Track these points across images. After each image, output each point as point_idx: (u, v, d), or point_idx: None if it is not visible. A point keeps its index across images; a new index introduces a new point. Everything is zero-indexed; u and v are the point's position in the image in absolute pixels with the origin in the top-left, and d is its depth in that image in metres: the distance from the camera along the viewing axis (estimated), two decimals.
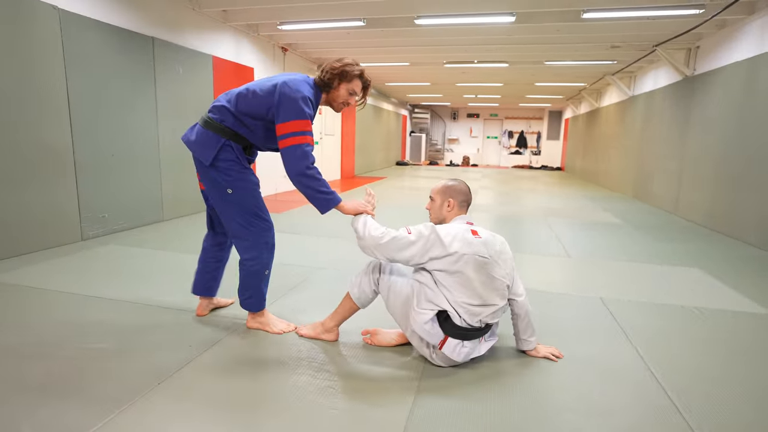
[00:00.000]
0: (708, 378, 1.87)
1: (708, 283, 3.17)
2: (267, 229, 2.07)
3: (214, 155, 1.93)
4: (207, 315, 2.37)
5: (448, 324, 1.78)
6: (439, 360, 1.87)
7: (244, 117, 1.93)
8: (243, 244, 2.06)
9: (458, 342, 1.80)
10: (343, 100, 2.05)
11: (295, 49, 7.57)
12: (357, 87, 2.04)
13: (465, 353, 1.82)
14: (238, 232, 2.04)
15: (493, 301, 1.80)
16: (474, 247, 1.77)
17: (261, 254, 2.06)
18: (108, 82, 4.03)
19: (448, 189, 1.96)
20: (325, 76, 1.98)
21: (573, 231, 4.95)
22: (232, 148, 1.95)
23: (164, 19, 4.65)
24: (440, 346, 1.80)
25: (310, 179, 1.86)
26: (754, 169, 4.50)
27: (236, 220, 2.02)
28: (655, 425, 1.55)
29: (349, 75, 1.99)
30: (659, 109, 7.19)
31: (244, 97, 1.94)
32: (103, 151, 4.04)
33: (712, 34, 5.62)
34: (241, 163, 1.98)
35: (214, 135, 1.94)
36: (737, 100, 4.92)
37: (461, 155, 18.69)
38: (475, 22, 5.48)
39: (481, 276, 1.77)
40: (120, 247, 3.69)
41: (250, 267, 2.07)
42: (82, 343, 2.01)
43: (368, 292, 1.97)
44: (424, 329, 1.79)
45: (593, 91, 11.50)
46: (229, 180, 1.96)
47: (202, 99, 5.29)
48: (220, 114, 1.95)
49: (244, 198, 2.00)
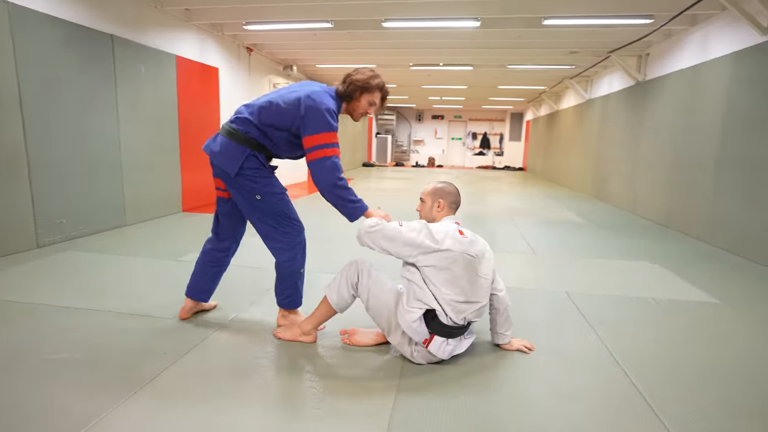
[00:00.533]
0: (665, 362, 2.01)
1: (662, 276, 3.38)
2: (299, 231, 2.14)
3: (239, 165, 1.96)
4: (188, 318, 2.33)
5: (435, 323, 1.82)
6: (419, 358, 1.90)
7: (268, 129, 1.98)
8: (277, 246, 2.11)
9: (443, 340, 1.85)
10: (363, 111, 2.12)
11: (260, 49, 7.47)
12: (377, 98, 2.11)
13: (449, 351, 1.87)
14: (271, 235, 2.09)
15: (477, 298, 1.86)
16: (463, 245, 1.83)
17: (296, 255, 2.14)
18: (64, 81, 3.85)
19: (438, 191, 2.01)
20: (348, 87, 2.05)
21: (538, 229, 5.15)
22: (256, 157, 2.00)
23: (124, 16, 4.49)
24: (426, 345, 1.84)
25: (341, 190, 1.95)
26: (700, 169, 4.83)
27: (269, 224, 2.07)
28: (620, 408, 1.66)
29: (372, 87, 2.06)
30: (614, 112, 7.58)
31: (267, 109, 1.98)
32: (59, 153, 3.85)
33: (660, 42, 5.99)
34: (266, 170, 2.04)
35: (239, 146, 1.97)
36: (684, 105, 5.27)
37: (427, 156, 18.94)
38: (441, 26, 5.60)
39: (468, 274, 1.82)
40: (80, 254, 3.53)
41: (287, 268, 2.14)
42: (46, 355, 1.92)
43: (347, 297, 1.98)
44: (411, 328, 1.82)
45: (553, 94, 11.96)
46: (257, 187, 2.01)
47: (165, 99, 5.14)
48: (244, 126, 1.99)
49: (274, 203, 2.05)
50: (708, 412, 1.64)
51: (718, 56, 4.63)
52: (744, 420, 1.60)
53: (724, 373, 1.93)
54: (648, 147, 6.17)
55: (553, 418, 1.57)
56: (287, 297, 2.21)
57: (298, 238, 2.13)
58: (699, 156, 4.86)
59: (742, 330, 2.42)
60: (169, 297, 2.63)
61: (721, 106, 4.50)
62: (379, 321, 1.96)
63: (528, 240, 4.51)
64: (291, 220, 2.10)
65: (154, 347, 2.02)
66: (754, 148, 3.98)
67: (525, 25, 5.43)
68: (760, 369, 1.99)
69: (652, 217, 5.92)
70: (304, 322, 2.10)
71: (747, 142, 4.09)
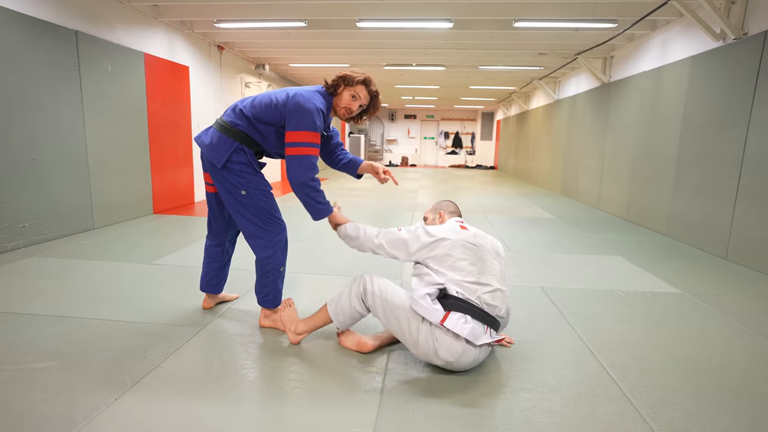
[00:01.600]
0: (637, 352, 2.12)
1: (629, 269, 3.54)
2: (281, 229, 2.15)
3: (226, 158, 1.99)
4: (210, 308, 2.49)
5: (448, 300, 1.77)
6: (444, 352, 1.74)
7: (258, 123, 2.02)
8: (258, 242, 2.12)
9: (461, 315, 1.74)
10: (345, 105, 2.09)
11: (232, 48, 7.34)
12: (361, 92, 2.09)
13: (468, 329, 1.72)
14: (253, 232, 2.11)
15: (488, 281, 1.83)
16: (462, 234, 1.89)
17: (276, 253, 2.14)
18: (25, 79, 3.68)
19: (437, 205, 2.19)
20: (333, 81, 2.09)
21: (511, 226, 5.28)
22: (244, 151, 2.03)
23: (88, 11, 4.33)
24: (442, 321, 1.72)
25: (312, 190, 1.99)
26: (662, 167, 5.08)
27: (251, 220, 2.08)
28: (597, 396, 1.74)
29: (351, 80, 2.06)
30: (581, 112, 7.84)
31: (259, 103, 2.03)
32: (21, 154, 3.68)
33: (624, 45, 6.25)
34: (252, 167, 2.06)
35: (228, 138, 2.02)
36: (647, 105, 5.52)
37: (400, 156, 19.05)
38: (415, 27, 5.66)
39: (471, 258, 1.84)
40: (45, 259, 3.39)
41: (267, 265, 2.15)
42: (17, 365, 1.84)
43: (348, 310, 1.96)
44: (422, 306, 1.74)
45: (522, 95, 12.26)
46: (242, 182, 2.03)
47: (134, 98, 4.98)
48: (236, 118, 2.04)
49: (258, 199, 2.06)
50: (678, 398, 1.74)
51: (677, 60, 4.88)
52: (711, 404, 1.71)
53: (690, 360, 2.05)
54: (613, 146, 6.42)
55: (538, 413, 1.63)
56: (266, 295, 2.21)
57: (280, 236, 2.15)
58: (661, 154, 5.10)
59: (704, 319, 2.57)
60: (145, 301, 2.57)
61: (681, 107, 4.74)
62: (397, 328, 1.86)
63: (502, 237, 4.62)
64: (274, 218, 2.12)
65: (133, 352, 1.97)
66: (710, 147, 4.22)
67: (496, 27, 5.56)
68: (723, 355, 2.12)
69: (616, 213, 6.17)
70: (301, 323, 2.09)
71: (704, 142, 4.33)
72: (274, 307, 2.24)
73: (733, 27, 3.92)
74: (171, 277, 3.05)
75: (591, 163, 7.22)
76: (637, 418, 1.60)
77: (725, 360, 2.07)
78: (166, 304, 2.52)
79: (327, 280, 3.06)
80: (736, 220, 3.85)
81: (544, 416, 1.60)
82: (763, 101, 3.62)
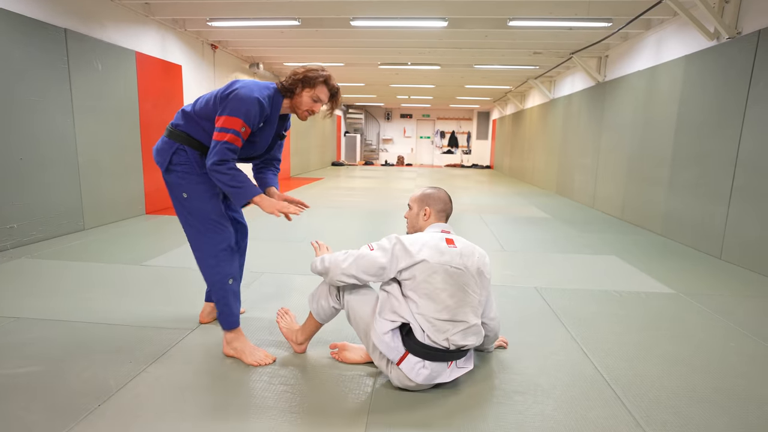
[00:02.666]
0: (630, 353, 2.10)
1: (624, 269, 3.53)
2: (224, 237, 1.94)
3: (168, 160, 1.89)
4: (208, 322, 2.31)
5: (409, 339, 1.63)
6: (396, 380, 1.70)
7: (201, 120, 1.89)
8: (200, 254, 1.96)
9: (419, 360, 1.63)
10: (307, 108, 1.94)
11: (225, 46, 7.28)
12: (322, 93, 1.93)
13: (425, 375, 1.63)
14: (194, 240, 1.95)
15: (465, 317, 1.65)
16: (446, 256, 1.65)
17: (219, 262, 1.93)
18: (12, 77, 3.62)
19: (425, 197, 1.87)
20: (287, 81, 1.91)
21: (506, 226, 5.26)
22: (185, 152, 1.90)
23: (77, 9, 4.27)
24: (398, 362, 1.64)
25: (218, 173, 1.79)
26: (656, 166, 5.07)
27: (192, 226, 1.94)
28: (590, 399, 1.71)
29: (311, 81, 1.90)
30: (577, 112, 7.84)
31: (202, 99, 1.91)
32: (8, 154, 3.62)
33: (619, 45, 6.24)
34: (194, 168, 1.91)
35: (169, 141, 1.92)
36: (641, 105, 5.51)
37: (396, 155, 19.02)
38: (409, 26, 5.63)
39: (452, 287, 1.64)
40: (34, 261, 3.33)
41: (211, 277, 1.95)
42: (3, 370, 1.80)
43: (326, 308, 1.85)
44: (383, 341, 1.63)
45: (518, 94, 12.25)
46: (183, 184, 1.90)
47: (125, 97, 4.93)
48: (178, 119, 1.93)
49: (201, 202, 1.91)
50: (672, 401, 1.71)
51: (672, 59, 4.87)
52: (705, 407, 1.69)
53: (683, 361, 2.03)
54: (608, 145, 6.42)
55: (531, 416, 1.60)
56: (219, 314, 1.96)
57: (223, 244, 1.93)
58: (656, 153, 5.10)
59: (699, 319, 2.55)
60: (134, 304, 2.52)
61: (676, 106, 4.73)
62: (359, 335, 1.79)
63: (497, 236, 4.60)
64: (216, 223, 1.92)
65: (119, 356, 1.93)
66: (706, 146, 4.21)
67: (491, 25, 5.53)
68: (718, 356, 2.10)
69: (610, 212, 6.16)
70: (299, 332, 1.99)
71: (700, 141, 4.32)
72: (231, 328, 1.97)
73: (726, 26, 3.91)
74: (161, 278, 3.01)
75: (586, 162, 7.22)
76: (630, 421, 1.58)
77: (720, 361, 2.05)
78: (156, 307, 2.48)
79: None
80: (731, 220, 3.85)
81: (536, 420, 1.57)
82: (757, 100, 3.61)
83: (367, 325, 1.72)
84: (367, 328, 1.72)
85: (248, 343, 1.98)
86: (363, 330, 1.75)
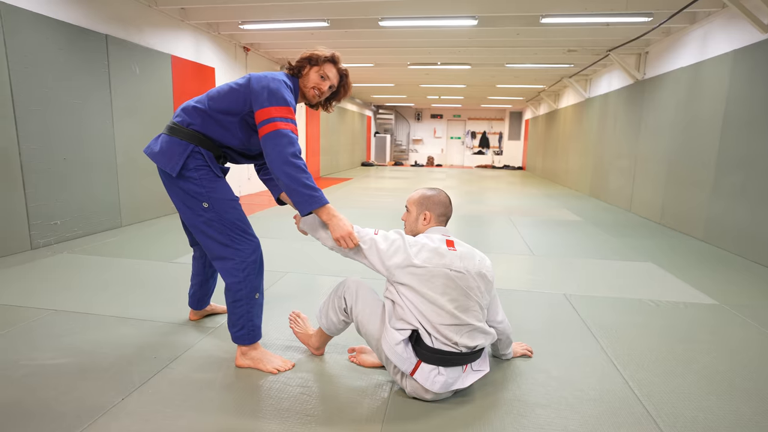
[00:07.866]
0: (664, 368, 1.97)
1: (661, 277, 3.35)
2: (254, 248, 1.82)
3: (181, 164, 1.71)
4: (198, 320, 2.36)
5: (420, 346, 1.58)
6: (411, 391, 1.65)
7: (218, 114, 1.75)
8: (226, 266, 1.79)
9: (433, 368, 1.57)
10: (314, 84, 1.86)
11: (257, 48, 7.43)
12: (329, 72, 1.87)
13: (441, 383, 1.58)
14: (220, 253, 1.78)
15: (468, 321, 1.60)
16: (445, 259, 1.59)
17: (248, 276, 1.79)
18: (58, 81, 3.81)
19: (425, 200, 1.75)
20: (296, 63, 1.88)
21: (536, 229, 5.11)
22: (202, 154, 1.75)
23: (118, 15, 4.45)
24: (412, 373, 1.58)
25: (295, 168, 1.61)
26: (699, 168, 4.80)
27: (217, 239, 1.76)
28: (619, 416, 1.62)
29: (317, 58, 1.85)
30: (613, 111, 7.54)
31: (218, 92, 1.77)
32: (53, 154, 3.81)
33: (660, 40, 5.95)
34: (213, 172, 1.77)
35: (181, 141, 1.74)
36: (683, 104, 5.23)
37: (425, 156, 18.90)
38: (438, 25, 5.56)
39: (453, 292, 1.58)
40: (74, 256, 3.49)
41: (238, 291, 1.79)
42: (35, 361, 1.89)
43: (336, 322, 1.82)
44: (395, 352, 1.57)
45: (551, 93, 11.92)
46: (203, 191, 1.73)
47: (161, 99, 5.10)
48: (188, 116, 1.77)
49: (224, 211, 1.76)
50: (711, 424, 1.60)
51: (718, 54, 4.59)
52: (745, 429, 1.56)
53: (724, 379, 1.89)
54: (647, 146, 6.13)
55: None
56: (240, 329, 1.83)
57: (253, 256, 1.80)
58: (699, 155, 4.82)
59: (743, 334, 2.38)
60: (161, 300, 2.60)
61: (722, 105, 4.46)
62: (371, 348, 1.76)
63: (526, 240, 4.48)
64: (245, 234, 1.79)
65: (145, 351, 1.99)
66: (755, 148, 3.95)
67: (523, 23, 5.39)
68: (765, 376, 1.95)
69: (648, 216, 5.88)
70: (313, 337, 1.97)
71: (748, 142, 4.05)
72: (252, 342, 1.86)
73: None
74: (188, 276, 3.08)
75: (623, 163, 6.93)
76: None
77: (762, 381, 1.89)
78: (181, 304, 2.54)
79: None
80: None
81: None
82: None
83: (378, 339, 1.67)
84: (378, 341, 1.67)
85: (265, 352, 1.92)
86: (374, 344, 1.71)
